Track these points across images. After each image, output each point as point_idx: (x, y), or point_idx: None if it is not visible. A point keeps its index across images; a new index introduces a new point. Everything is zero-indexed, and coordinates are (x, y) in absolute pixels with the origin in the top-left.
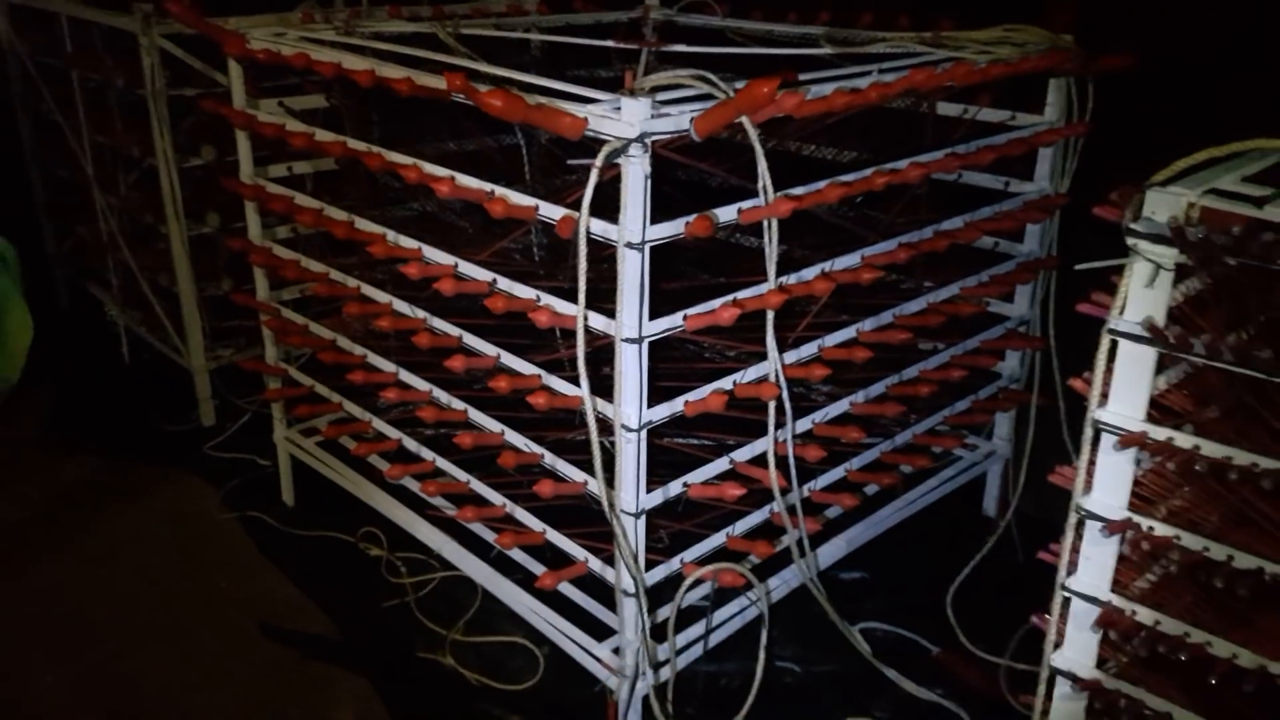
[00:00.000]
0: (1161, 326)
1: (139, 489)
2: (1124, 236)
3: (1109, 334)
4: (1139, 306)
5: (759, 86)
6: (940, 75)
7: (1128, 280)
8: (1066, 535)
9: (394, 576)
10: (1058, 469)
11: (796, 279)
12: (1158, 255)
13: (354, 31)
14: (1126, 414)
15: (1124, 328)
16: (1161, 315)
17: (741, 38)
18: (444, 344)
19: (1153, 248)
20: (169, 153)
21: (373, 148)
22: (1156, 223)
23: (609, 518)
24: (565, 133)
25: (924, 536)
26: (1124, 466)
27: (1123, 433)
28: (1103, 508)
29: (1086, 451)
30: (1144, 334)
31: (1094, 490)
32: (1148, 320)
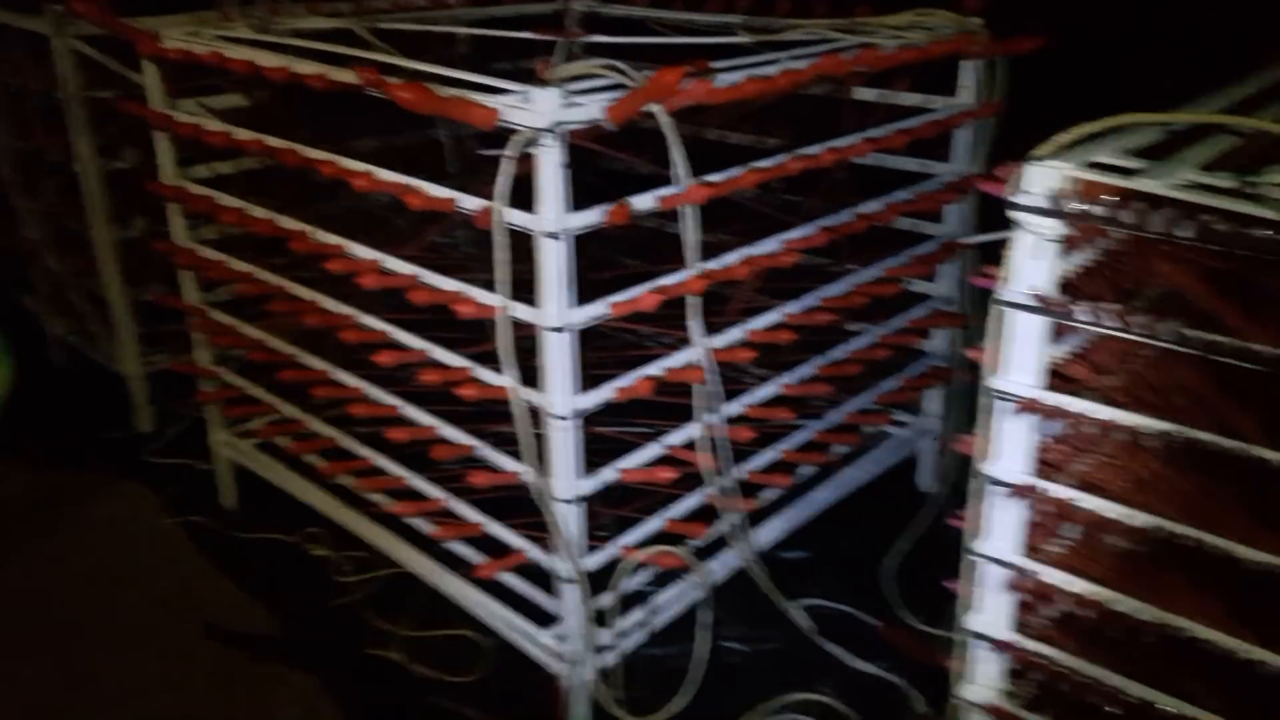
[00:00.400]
0: (1047, 296)
1: (76, 498)
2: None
3: (998, 304)
4: (1025, 277)
5: (666, 75)
6: (849, 61)
7: (1013, 252)
8: (972, 501)
9: (340, 575)
10: (961, 438)
11: (720, 264)
12: (1039, 227)
13: (271, 29)
14: (1021, 381)
15: (1012, 297)
16: (1047, 285)
17: (663, 27)
18: (373, 339)
19: (1034, 219)
20: (90, 156)
21: (290, 144)
22: (1036, 196)
23: (541, 506)
24: (477, 123)
25: (863, 513)
26: (1022, 432)
27: (1016, 399)
28: (1004, 473)
29: (986, 419)
30: (1029, 303)
31: (995, 456)
32: (1032, 290)
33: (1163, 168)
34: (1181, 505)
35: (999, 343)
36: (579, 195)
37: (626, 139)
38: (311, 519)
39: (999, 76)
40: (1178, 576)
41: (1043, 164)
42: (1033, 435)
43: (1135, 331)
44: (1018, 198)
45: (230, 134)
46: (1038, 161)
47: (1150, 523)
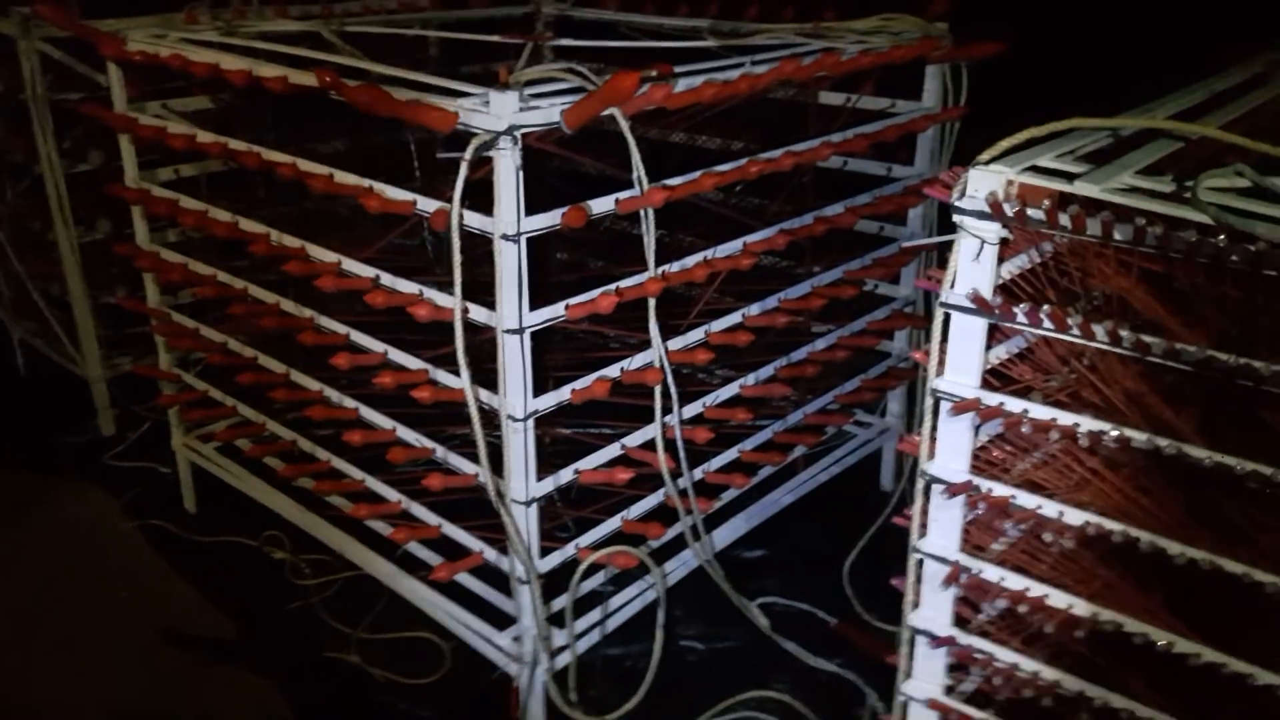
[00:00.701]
0: (988, 298)
1: (36, 500)
2: (949, 213)
3: (941, 306)
4: (966, 280)
5: (623, 79)
6: (809, 66)
7: (956, 255)
8: (916, 499)
9: (298, 578)
10: (905, 437)
11: (679, 267)
12: (980, 230)
13: (237, 31)
14: (961, 382)
15: (953, 300)
16: (988, 288)
17: (633, 31)
18: (331, 342)
19: (976, 223)
20: (54, 158)
21: (251, 147)
22: (977, 199)
23: (497, 507)
24: (435, 126)
25: (824, 513)
26: (962, 432)
27: (956, 399)
28: (945, 471)
29: (929, 419)
30: (970, 305)
31: (936, 456)
32: (973, 292)
33: (1102, 172)
34: (1119, 504)
35: (941, 344)
36: (546, 198)
37: (595, 142)
38: (272, 522)
39: (962, 81)
40: (1116, 574)
41: (984, 168)
42: (972, 435)
43: (1071, 334)
44: (960, 201)
45: (193, 137)
46: (980, 166)
47: (1088, 521)
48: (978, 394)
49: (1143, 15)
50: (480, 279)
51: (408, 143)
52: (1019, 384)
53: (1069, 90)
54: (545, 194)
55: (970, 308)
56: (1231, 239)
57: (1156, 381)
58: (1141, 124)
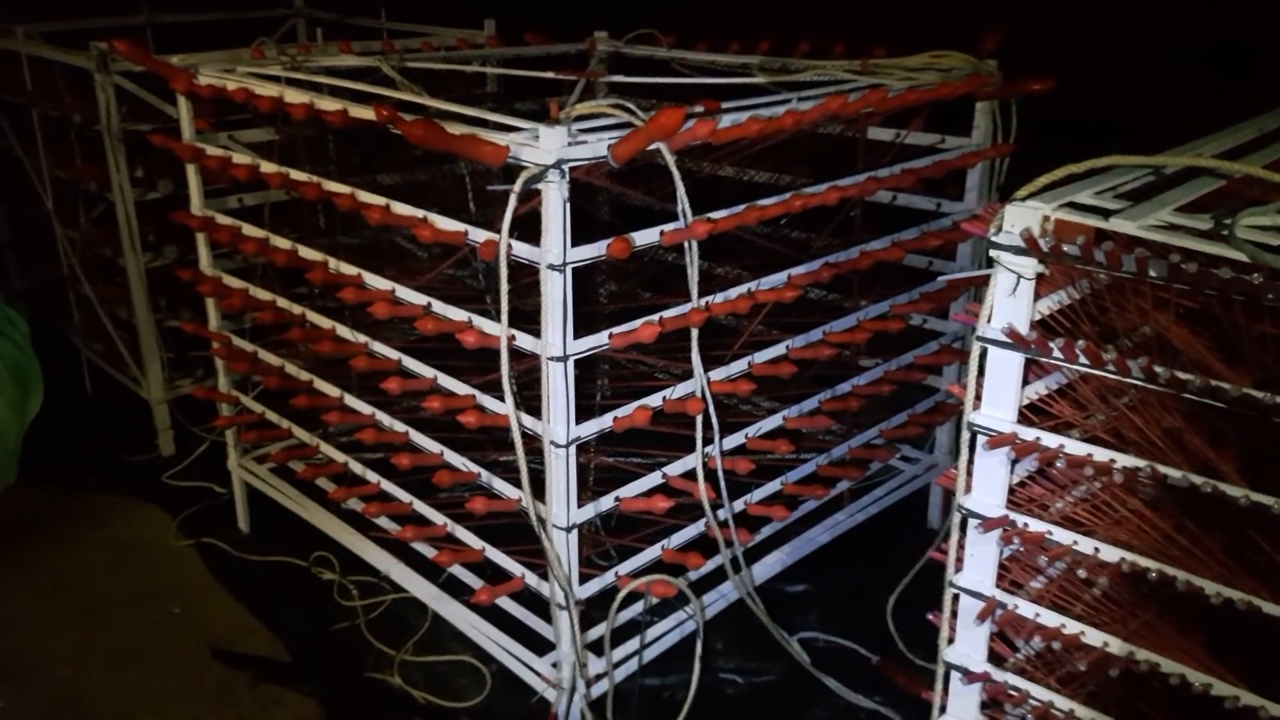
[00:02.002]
0: (1025, 333)
1: (96, 517)
2: (988, 249)
3: (978, 340)
4: (1003, 314)
5: (669, 114)
6: (855, 102)
7: (992, 290)
8: (953, 534)
9: (345, 599)
10: (945, 471)
11: (722, 298)
12: (1016, 265)
13: (301, 66)
14: (997, 416)
15: (989, 334)
16: (1024, 322)
17: (685, 68)
18: (383, 367)
19: (1012, 258)
20: (125, 187)
21: (311, 177)
22: (1014, 235)
23: (538, 532)
24: (487, 160)
25: (868, 549)
26: (998, 466)
27: (993, 434)
28: (981, 506)
29: (965, 453)
30: (1006, 340)
31: (973, 490)
32: (1008, 327)
33: (1140, 209)
34: (1158, 543)
35: (978, 378)
36: (595, 229)
37: (644, 175)
38: (322, 543)
39: (1012, 118)
40: (1153, 613)
41: (1021, 204)
42: (1009, 469)
43: (1107, 369)
44: (997, 236)
45: (256, 167)
46: (1017, 202)
47: (1124, 558)
48: (1014, 428)
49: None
50: (528, 308)
51: (463, 175)
52: (1058, 420)
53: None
54: (594, 225)
55: (1006, 342)
56: (1269, 276)
57: (1196, 420)
58: (1182, 162)
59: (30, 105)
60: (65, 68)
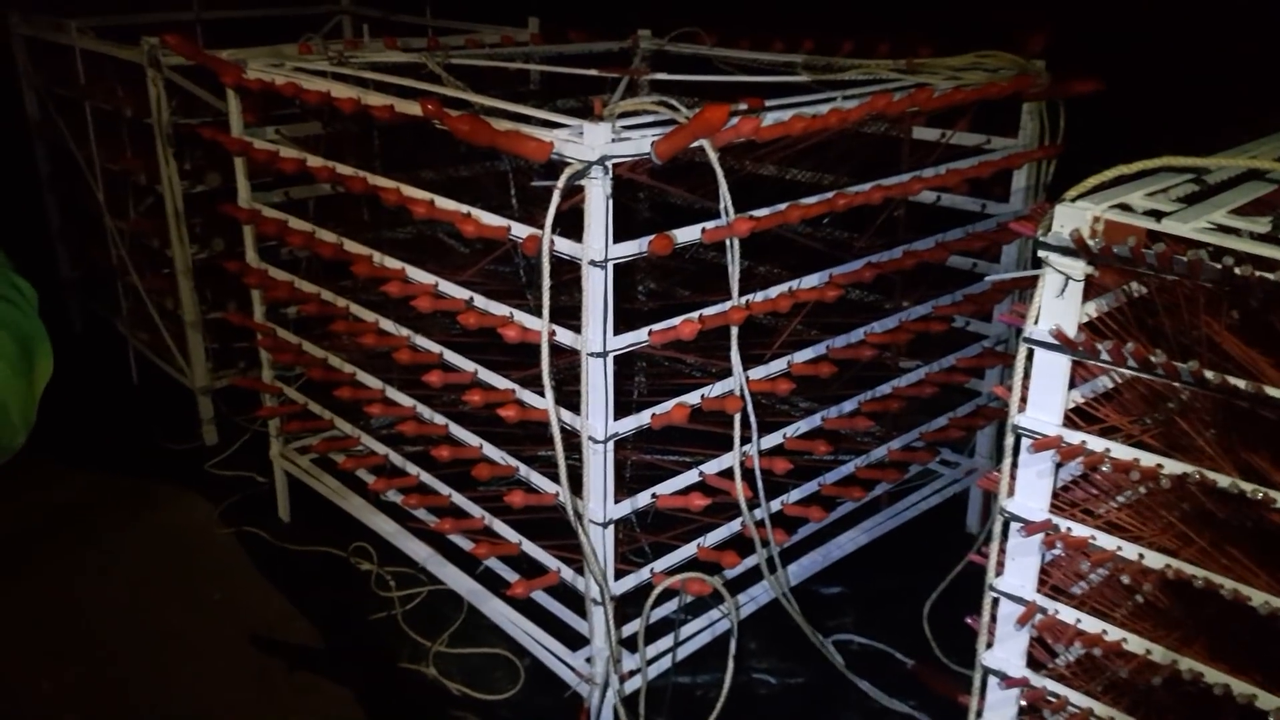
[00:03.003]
0: (1073, 335)
1: (139, 505)
2: (1036, 250)
3: (1024, 342)
4: (1050, 316)
5: (713, 112)
6: (901, 101)
7: (1040, 291)
8: (994, 537)
9: (382, 590)
10: (987, 474)
11: (762, 296)
12: (1065, 267)
13: (348, 62)
14: (1043, 419)
15: (1036, 336)
16: (1072, 324)
17: (728, 66)
18: (425, 360)
19: (1061, 259)
20: (174, 179)
21: (358, 172)
22: (1063, 236)
23: (575, 527)
24: (531, 156)
25: (905, 553)
26: (1042, 470)
27: (1038, 437)
28: (1024, 510)
29: (1009, 456)
30: (1053, 342)
31: (1016, 493)
32: (1056, 329)
33: (1193, 211)
34: (1203, 550)
35: (1024, 380)
36: (635, 226)
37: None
38: (360, 534)
39: (1059, 118)
40: (1197, 621)
41: (1071, 205)
42: (1053, 473)
43: (1155, 374)
44: (1045, 237)
45: (303, 161)
46: (1066, 202)
47: (1169, 565)
48: (1059, 431)
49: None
50: (568, 303)
51: (505, 171)
52: (1104, 424)
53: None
54: (634, 222)
55: (1053, 344)
56: None
57: (1250, 426)
58: (1237, 164)
59: (83, 98)
60: (117, 62)
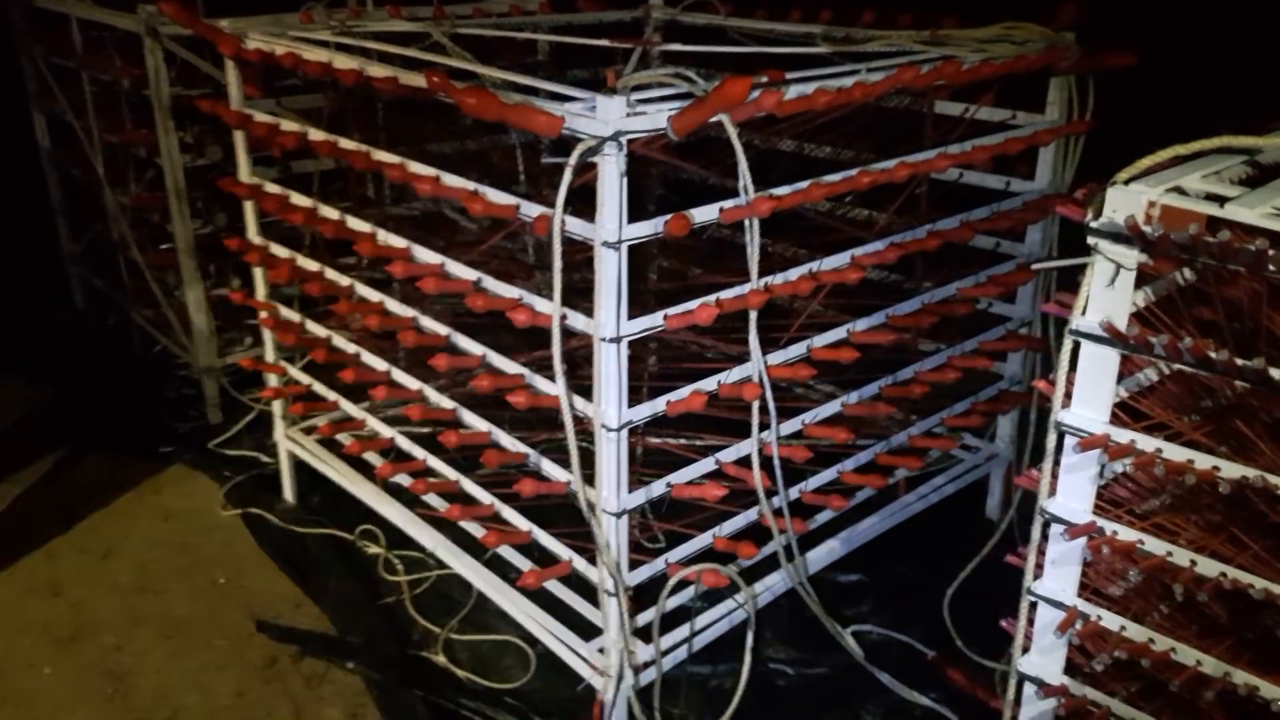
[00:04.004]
0: (1123, 327)
1: (143, 485)
2: (1085, 235)
3: (1070, 335)
4: (1100, 307)
5: (734, 85)
6: (928, 74)
7: (1089, 280)
8: (1033, 538)
9: (391, 574)
10: (1025, 472)
11: (781, 279)
12: (1118, 254)
13: (350, 31)
14: (1089, 416)
15: (1085, 328)
16: (1123, 316)
17: (743, 36)
18: (432, 343)
19: (1113, 247)
20: (174, 152)
21: (361, 146)
22: (1116, 221)
23: (588, 517)
24: (541, 131)
25: (925, 540)
26: (1087, 470)
27: (1084, 435)
28: (1066, 511)
29: (1051, 454)
30: (1103, 334)
31: (1058, 493)
32: (1106, 321)
33: (1256, 196)
34: (1257, 556)
35: (1069, 374)
36: (647, 204)
37: (697, 146)
38: (367, 516)
39: (1089, 93)
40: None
41: (1125, 188)
42: (1098, 473)
43: (1215, 371)
44: (1096, 223)
45: (304, 135)
46: (1120, 185)
47: (1224, 573)
48: (1106, 429)
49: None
50: (578, 283)
51: (513, 145)
52: (1148, 419)
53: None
54: (644, 199)
55: (1103, 337)
56: None
57: None
58: None
59: (80, 68)
60: (115, 31)
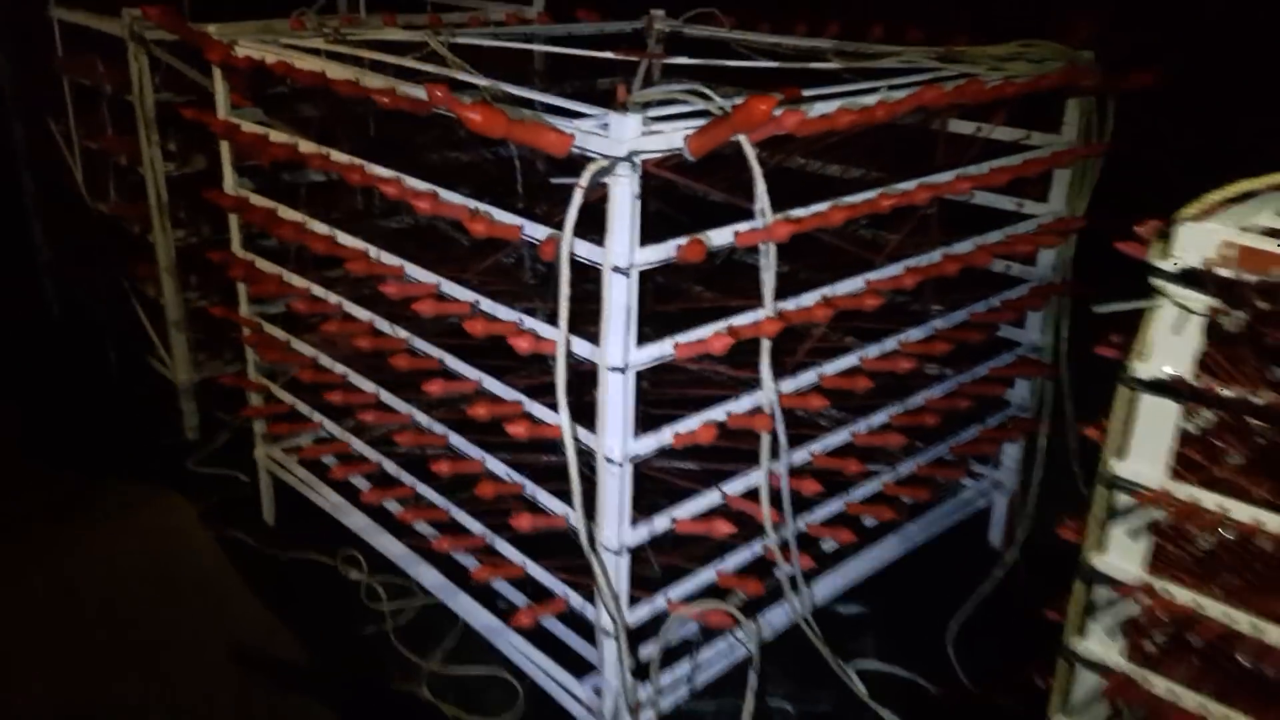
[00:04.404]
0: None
1: (119, 505)
2: (1148, 277)
3: (1130, 384)
4: (1164, 354)
5: (757, 104)
6: (952, 93)
7: (1153, 325)
8: (1075, 594)
9: (373, 602)
10: (1066, 521)
11: (795, 305)
12: (1188, 299)
13: (344, 39)
14: (1145, 471)
15: (1147, 377)
16: (1187, 364)
17: (748, 50)
18: (425, 366)
19: (1182, 291)
20: (156, 160)
21: (354, 160)
22: (1187, 262)
23: (588, 554)
24: (550, 149)
25: (927, 569)
26: (1140, 526)
27: (1142, 491)
28: (1116, 570)
29: (1100, 508)
30: (1169, 385)
31: (1107, 550)
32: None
33: None
34: None
35: (1124, 424)
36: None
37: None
38: (350, 540)
39: (1108, 114)
40: None
41: (1197, 225)
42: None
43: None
44: (1163, 263)
45: (295, 146)
46: (1189, 222)
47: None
48: (1165, 485)
49: None
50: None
51: (511, 158)
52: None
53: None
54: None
55: (1169, 388)
56: None
57: None
58: None
59: (61, 72)
60: (97, 34)
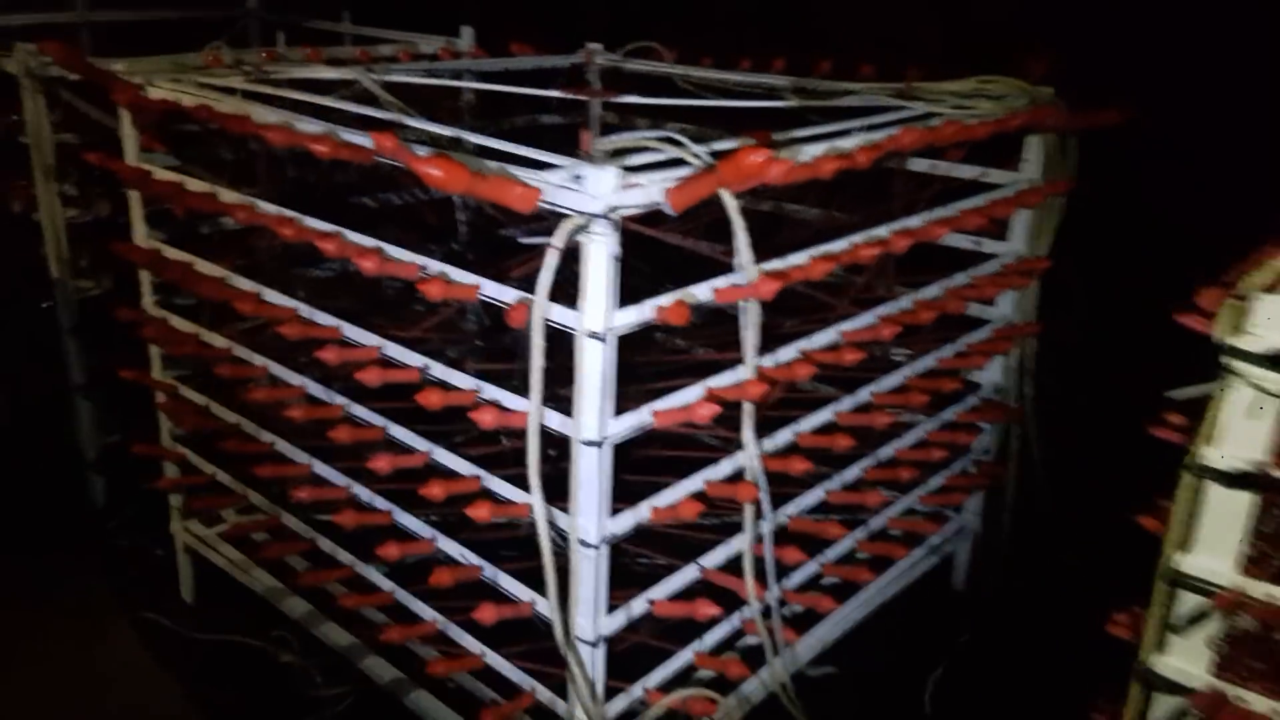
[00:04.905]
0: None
1: (21, 584)
2: (1218, 355)
3: (1197, 472)
4: (1238, 440)
5: (748, 156)
6: (929, 134)
7: (1224, 408)
8: (1132, 700)
9: (309, 688)
10: (1115, 617)
11: (774, 362)
12: (1266, 381)
13: (267, 77)
14: (1215, 568)
15: (1219, 466)
16: (1261, 450)
17: (693, 86)
18: (368, 437)
19: (1261, 372)
20: (54, 206)
21: (284, 211)
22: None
23: (563, 649)
24: (516, 206)
25: (891, 619)
26: (1208, 628)
27: (1214, 589)
28: (1180, 675)
29: (1160, 604)
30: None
31: (1169, 653)
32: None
33: None
34: None
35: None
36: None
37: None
38: (279, 619)
39: (1071, 152)
40: None
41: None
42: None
43: None
44: (1236, 340)
45: (215, 195)
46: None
47: None
48: (1239, 582)
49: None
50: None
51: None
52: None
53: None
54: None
55: (1246, 478)
56: None
57: None
58: None
59: None
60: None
